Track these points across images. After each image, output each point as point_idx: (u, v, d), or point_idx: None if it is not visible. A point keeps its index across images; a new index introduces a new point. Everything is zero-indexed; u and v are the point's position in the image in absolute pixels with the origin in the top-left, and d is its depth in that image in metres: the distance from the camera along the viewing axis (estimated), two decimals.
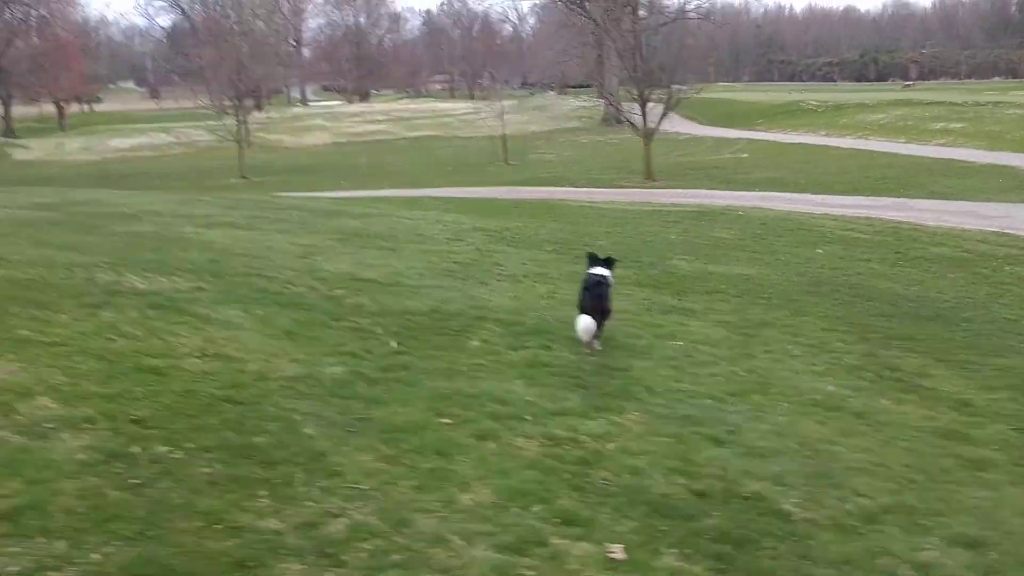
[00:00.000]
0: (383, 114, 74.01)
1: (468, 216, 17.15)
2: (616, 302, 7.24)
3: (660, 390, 6.36)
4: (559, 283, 10.18)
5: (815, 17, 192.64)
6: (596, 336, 6.57)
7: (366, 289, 8.15)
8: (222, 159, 40.59)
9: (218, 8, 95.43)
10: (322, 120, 70.02)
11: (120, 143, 54.37)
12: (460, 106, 54.35)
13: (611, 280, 6.86)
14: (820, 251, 15.15)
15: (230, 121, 34.66)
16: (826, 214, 20.00)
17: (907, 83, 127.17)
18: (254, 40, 71.60)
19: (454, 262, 10.79)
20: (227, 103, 34.33)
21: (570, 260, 12.17)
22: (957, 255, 15.28)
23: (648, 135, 30.15)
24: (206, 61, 37.03)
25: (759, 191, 25.82)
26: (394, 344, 6.31)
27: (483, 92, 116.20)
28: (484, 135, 42.13)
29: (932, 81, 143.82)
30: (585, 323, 6.48)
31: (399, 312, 7.39)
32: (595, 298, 6.58)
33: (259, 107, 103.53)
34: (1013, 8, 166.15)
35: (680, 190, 26.73)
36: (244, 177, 34.51)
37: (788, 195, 24.63)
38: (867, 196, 23.94)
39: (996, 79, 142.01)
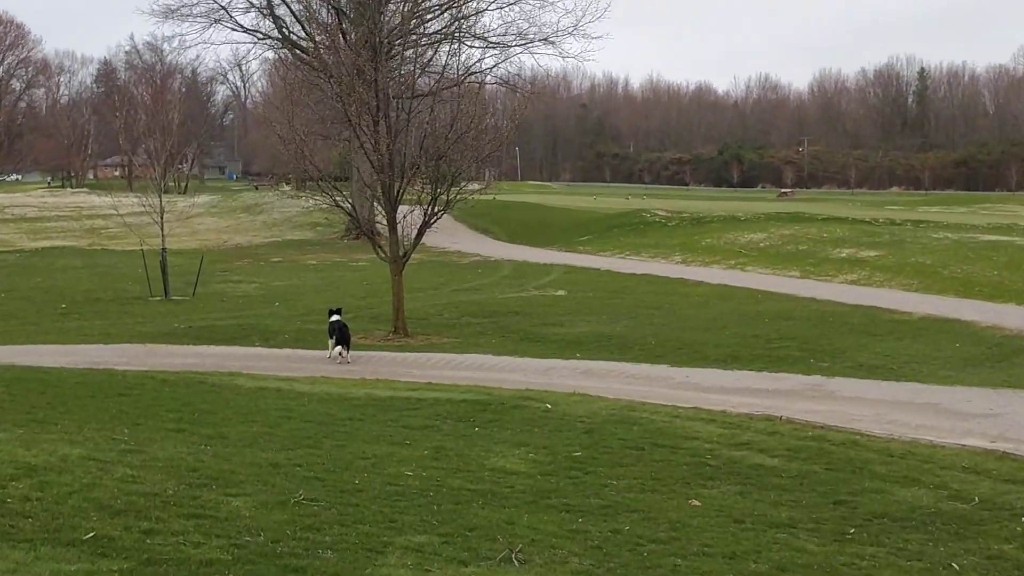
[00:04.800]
0: None
1: None
2: None
3: None
4: None
5: (659, 98, 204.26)
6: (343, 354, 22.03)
7: None
8: None
9: None
10: None
11: None
12: (128, 202, 49.85)
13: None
14: (698, 503, 11.76)
15: None
16: (698, 409, 17.30)
17: (783, 191, 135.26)
18: None
19: None
20: None
21: None
22: (948, 508, 12.15)
23: (398, 260, 27.28)
24: None
25: (582, 358, 23.46)
26: None
27: (178, 178, 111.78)
28: (155, 248, 37.90)
29: (814, 189, 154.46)
30: (338, 349, 22.22)
31: None
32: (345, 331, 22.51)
33: None
34: (910, 99, 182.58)
35: (448, 355, 24.00)
36: None
37: (631, 367, 22.37)
38: (758, 370, 21.98)
39: (894, 189, 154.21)
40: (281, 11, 61.35)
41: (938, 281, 35.49)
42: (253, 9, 61.23)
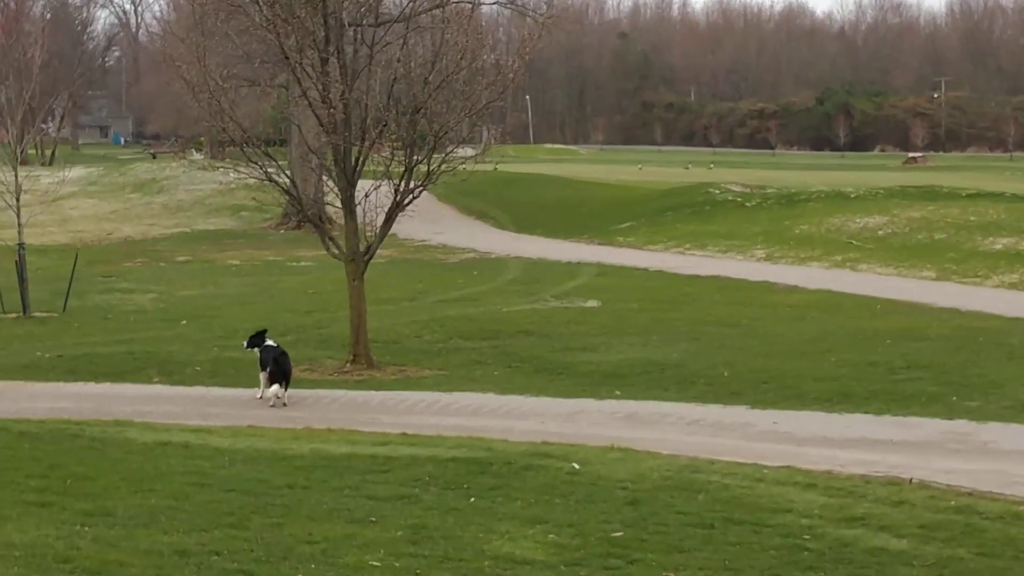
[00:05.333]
0: None
1: None
2: None
3: None
4: None
5: (731, 24, 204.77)
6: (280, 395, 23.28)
7: None
8: None
9: None
10: None
11: None
12: None
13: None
14: None
15: None
16: (791, 469, 17.40)
17: (912, 156, 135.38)
18: None
19: None
20: None
21: None
22: None
23: (357, 258, 27.32)
24: None
25: (623, 397, 23.69)
26: None
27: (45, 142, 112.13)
28: (8, 244, 37.77)
29: (956, 153, 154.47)
30: (275, 390, 23.13)
31: None
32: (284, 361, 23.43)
33: None
34: None
35: (431, 394, 24.28)
36: None
37: (694, 410, 22.56)
38: (877, 413, 22.14)
39: None
40: None
41: None
42: None
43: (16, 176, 36.72)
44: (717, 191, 64.52)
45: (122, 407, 21.98)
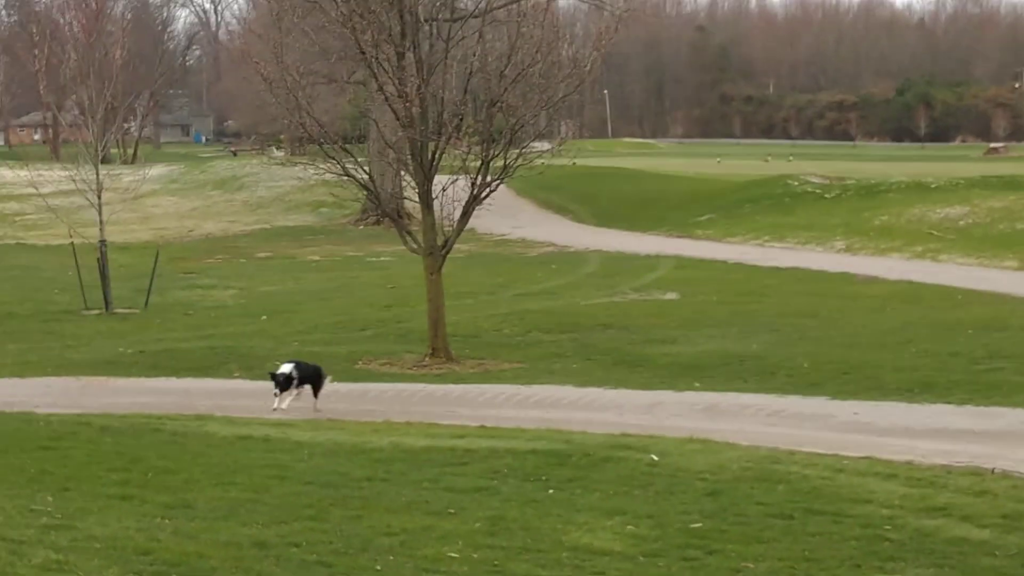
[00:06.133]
0: None
1: None
2: None
3: None
4: None
5: (810, 17, 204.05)
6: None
7: None
8: None
9: None
10: None
11: None
12: (53, 177, 50.01)
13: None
14: None
15: None
16: (871, 460, 17.24)
17: (993, 146, 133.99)
18: None
19: None
20: None
21: None
22: None
23: (435, 252, 27.45)
24: None
25: (702, 389, 23.69)
26: None
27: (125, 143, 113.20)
28: (90, 242, 37.93)
29: None
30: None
31: None
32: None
33: None
34: None
35: (509, 387, 24.33)
36: None
37: (774, 401, 22.52)
38: (959, 403, 22.03)
39: None
40: None
41: None
42: None
43: (98, 174, 37.06)
44: (796, 183, 64.18)
45: (203, 401, 22.15)
